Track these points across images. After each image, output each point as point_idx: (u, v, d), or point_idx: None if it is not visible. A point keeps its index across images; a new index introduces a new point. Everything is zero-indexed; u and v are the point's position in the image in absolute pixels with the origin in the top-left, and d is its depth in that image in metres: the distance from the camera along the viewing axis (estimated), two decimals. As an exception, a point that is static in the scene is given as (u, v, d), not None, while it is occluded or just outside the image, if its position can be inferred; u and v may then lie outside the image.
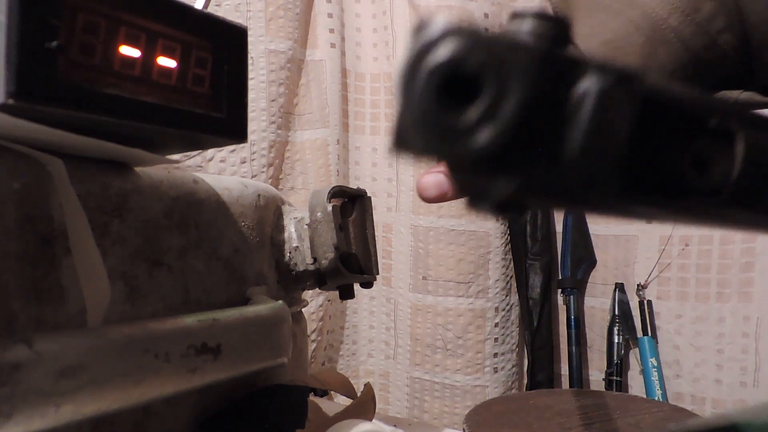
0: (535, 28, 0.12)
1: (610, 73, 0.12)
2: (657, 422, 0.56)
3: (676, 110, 0.13)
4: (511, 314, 1.01)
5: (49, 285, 0.29)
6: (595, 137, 0.11)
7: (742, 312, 0.87)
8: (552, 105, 0.11)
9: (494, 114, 0.11)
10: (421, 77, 0.11)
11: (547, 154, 0.11)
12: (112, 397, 0.27)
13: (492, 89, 0.11)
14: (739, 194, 0.14)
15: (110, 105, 0.27)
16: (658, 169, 0.13)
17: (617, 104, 0.12)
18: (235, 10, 0.84)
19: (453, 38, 0.11)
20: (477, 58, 0.11)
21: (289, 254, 0.46)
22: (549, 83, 0.11)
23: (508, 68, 0.11)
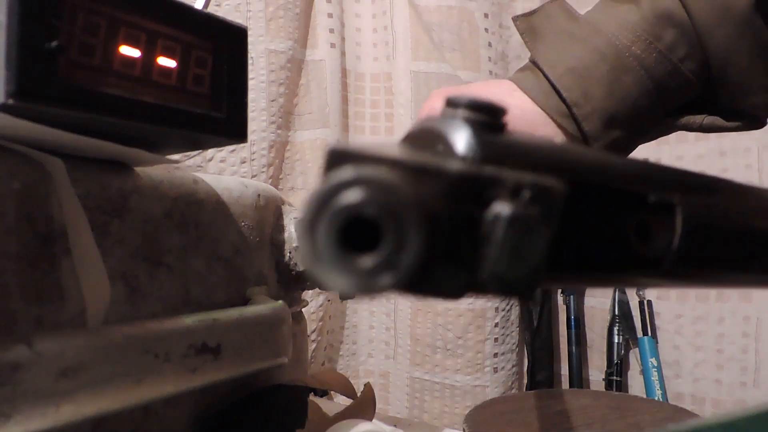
0: (469, 116, 0.12)
1: (526, 190, 0.12)
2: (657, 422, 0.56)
3: (613, 191, 0.13)
4: (511, 314, 1.01)
5: (49, 285, 0.29)
6: (506, 261, 0.12)
7: (742, 312, 0.87)
8: (465, 227, 0.12)
9: (393, 264, 0.11)
10: (324, 219, 0.11)
11: (467, 270, 0.12)
12: (112, 397, 0.27)
13: (390, 240, 0.11)
14: (681, 261, 0.14)
15: (110, 105, 0.27)
16: (602, 240, 0.13)
17: (530, 227, 0.12)
18: (235, 10, 0.84)
19: (355, 185, 0.11)
20: (376, 207, 0.11)
21: (289, 254, 0.46)
22: (459, 211, 0.12)
23: (407, 217, 0.11)
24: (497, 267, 0.12)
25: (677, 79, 0.38)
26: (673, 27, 0.37)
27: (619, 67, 0.38)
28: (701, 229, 0.15)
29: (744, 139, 0.87)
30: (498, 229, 0.12)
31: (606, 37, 0.38)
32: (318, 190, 0.11)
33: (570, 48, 0.39)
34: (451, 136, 0.12)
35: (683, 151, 0.90)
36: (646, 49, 0.38)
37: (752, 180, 0.87)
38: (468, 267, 0.12)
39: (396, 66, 0.97)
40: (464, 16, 0.97)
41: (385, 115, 1.01)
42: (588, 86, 0.38)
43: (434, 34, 0.97)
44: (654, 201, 0.14)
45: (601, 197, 0.13)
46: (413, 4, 0.96)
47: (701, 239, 0.15)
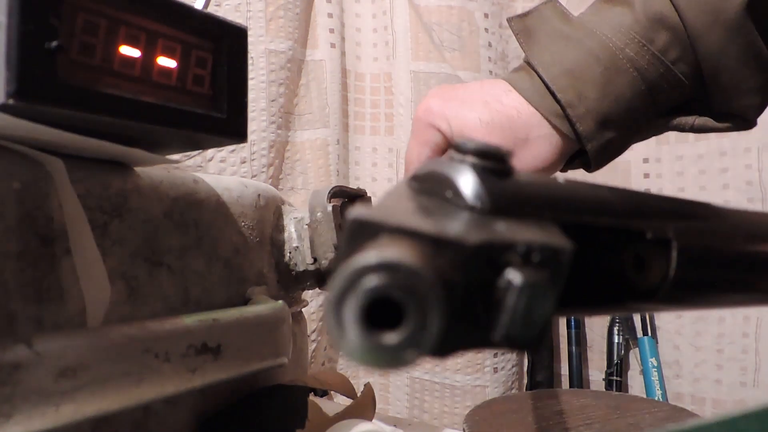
0: (476, 163, 0.13)
1: (536, 253, 0.13)
2: (657, 422, 0.56)
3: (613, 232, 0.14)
4: (511, 314, 1.01)
5: (49, 285, 0.29)
6: (518, 325, 0.13)
7: (742, 312, 0.87)
8: (480, 293, 0.13)
9: (416, 341, 0.12)
10: (350, 300, 0.12)
11: (479, 330, 0.13)
12: (112, 397, 0.27)
13: (413, 320, 0.12)
14: (677, 289, 0.15)
15: (110, 105, 0.27)
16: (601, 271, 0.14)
17: (542, 290, 0.13)
18: (235, 10, 0.84)
19: (379, 270, 0.12)
20: (400, 290, 0.12)
21: (289, 254, 0.46)
22: (475, 280, 0.12)
23: (429, 302, 0.12)
24: (509, 330, 0.13)
25: (670, 81, 0.39)
26: (665, 30, 0.38)
27: (613, 69, 0.38)
28: (695, 257, 0.16)
29: (744, 139, 0.87)
30: (510, 296, 0.12)
31: (600, 39, 0.39)
32: (344, 272, 0.12)
33: (564, 49, 0.39)
34: (460, 183, 0.13)
35: (683, 151, 0.90)
36: (639, 51, 0.38)
37: (752, 180, 0.87)
38: (480, 330, 0.13)
39: (396, 66, 0.97)
40: (464, 16, 0.97)
41: (385, 115, 1.01)
42: (582, 87, 0.39)
43: (434, 34, 0.97)
44: (651, 237, 0.15)
45: (601, 235, 0.14)
46: (413, 4, 0.96)
47: (696, 267, 0.16)
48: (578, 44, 0.39)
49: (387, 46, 0.99)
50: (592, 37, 0.39)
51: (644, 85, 0.39)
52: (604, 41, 0.39)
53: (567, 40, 0.40)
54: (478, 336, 0.13)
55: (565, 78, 0.39)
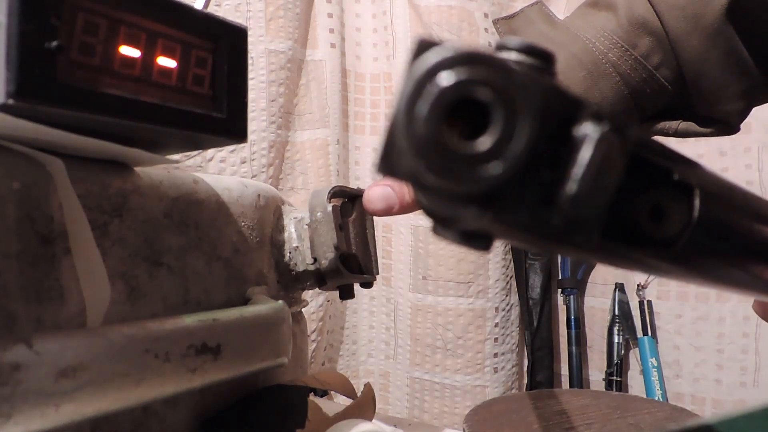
0: (523, 60, 0.12)
1: (607, 119, 0.12)
2: (657, 422, 0.56)
3: (646, 162, 0.13)
4: (511, 314, 1.01)
5: (49, 285, 0.29)
6: (592, 182, 0.11)
7: (742, 312, 0.87)
8: (550, 144, 0.11)
9: (503, 149, 0.10)
10: (427, 99, 0.10)
11: (539, 194, 0.11)
12: (112, 397, 0.27)
13: (502, 123, 0.10)
14: (688, 249, 0.14)
15: (110, 105, 0.27)
16: (614, 217, 0.13)
17: (614, 152, 0.12)
18: (235, 10, 0.84)
19: (465, 63, 0.10)
20: (488, 86, 0.10)
21: (289, 254, 0.46)
22: (551, 122, 0.11)
23: (519, 102, 0.10)
24: (579, 188, 0.11)
25: (652, 86, 0.39)
26: (648, 35, 0.38)
27: (596, 73, 0.39)
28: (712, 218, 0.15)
29: (744, 139, 0.87)
30: (587, 147, 0.11)
31: (583, 43, 0.39)
32: (421, 65, 0.10)
33: None
34: (508, 61, 0.11)
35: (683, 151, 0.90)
36: (622, 56, 0.38)
37: (752, 180, 0.87)
38: (547, 187, 0.11)
39: (396, 66, 0.97)
40: (464, 16, 0.97)
41: (385, 115, 1.01)
42: None
43: (434, 34, 0.97)
44: (677, 180, 0.14)
45: (636, 170, 0.13)
46: (413, 4, 0.96)
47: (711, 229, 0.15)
48: (562, 48, 0.39)
49: (387, 46, 0.99)
50: (575, 41, 0.39)
51: (627, 89, 0.39)
52: (587, 45, 0.39)
53: (551, 44, 0.40)
54: (541, 202, 0.11)
55: None
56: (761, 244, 0.17)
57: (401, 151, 0.10)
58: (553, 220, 0.11)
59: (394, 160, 0.10)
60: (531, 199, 0.11)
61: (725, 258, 0.16)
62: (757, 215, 0.17)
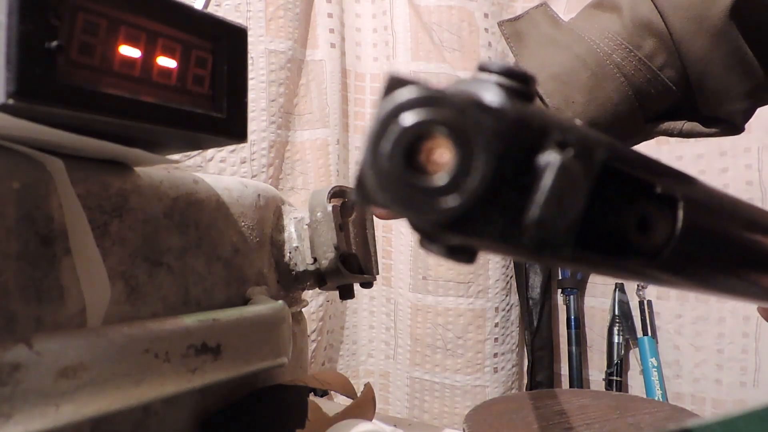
0: (502, 83, 0.12)
1: (572, 145, 0.12)
2: (657, 422, 0.56)
3: (627, 175, 0.14)
4: (511, 314, 1.01)
5: (49, 285, 0.29)
6: (553, 207, 0.12)
7: (742, 312, 0.87)
8: (514, 172, 0.12)
9: (459, 184, 0.11)
10: (390, 138, 0.11)
11: (505, 217, 0.12)
12: (112, 397, 0.27)
13: (458, 160, 0.11)
14: (675, 258, 0.15)
15: (110, 105, 0.27)
16: (602, 228, 0.14)
17: (576, 178, 0.12)
18: (235, 10, 0.84)
19: (423, 105, 0.11)
20: (445, 126, 0.11)
21: (289, 254, 0.46)
22: (513, 152, 0.12)
23: (476, 140, 0.11)
24: (542, 212, 0.12)
25: (656, 87, 0.39)
26: (652, 36, 0.38)
27: (600, 74, 0.39)
28: (700, 222, 0.15)
29: (744, 139, 0.87)
30: (548, 175, 0.12)
31: (587, 44, 0.39)
32: (382, 109, 0.11)
33: (553, 54, 0.40)
34: (485, 99, 0.12)
35: (683, 151, 0.90)
36: (626, 57, 0.38)
37: (752, 180, 0.87)
38: (514, 211, 0.12)
39: (396, 66, 0.97)
40: (464, 16, 0.97)
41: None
42: (569, 92, 0.39)
43: (434, 34, 0.97)
44: (660, 192, 0.14)
45: (616, 183, 0.14)
46: (413, 4, 0.96)
47: (699, 232, 0.15)
48: (566, 49, 0.39)
49: (387, 46, 0.99)
50: (580, 43, 0.39)
51: (631, 90, 0.39)
52: (591, 47, 0.39)
53: (555, 45, 0.40)
54: (508, 221, 0.12)
55: (552, 82, 0.39)
56: (752, 251, 0.18)
57: (369, 184, 0.11)
58: (523, 240, 0.12)
59: (366, 192, 0.11)
60: (499, 220, 0.12)
61: (715, 265, 0.17)
62: (746, 223, 0.17)
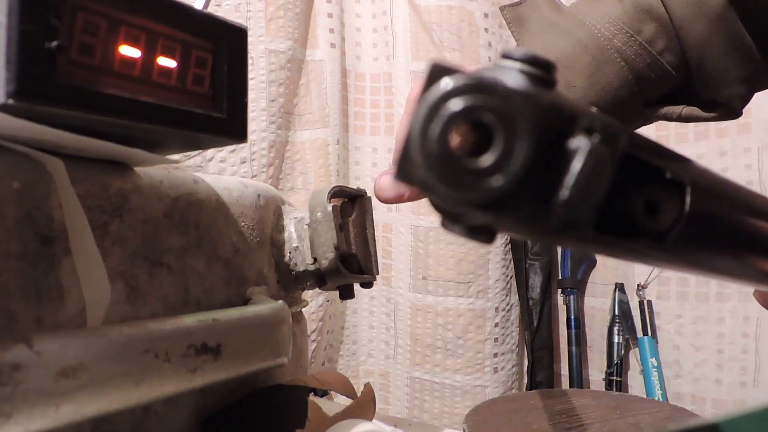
0: (526, 70, 0.13)
1: (598, 131, 0.13)
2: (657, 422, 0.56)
3: (639, 160, 0.15)
4: (511, 314, 1.01)
5: (49, 285, 0.29)
6: (582, 189, 0.13)
7: (742, 312, 0.87)
8: (547, 155, 0.13)
9: (504, 165, 0.12)
10: (438, 122, 0.12)
11: (536, 197, 0.13)
12: (112, 397, 0.27)
13: (503, 142, 0.12)
14: (681, 241, 0.15)
15: (110, 105, 0.27)
16: (612, 211, 0.14)
17: (603, 162, 0.13)
18: (235, 10, 0.84)
19: (472, 90, 0.12)
20: (491, 111, 0.12)
21: (289, 254, 0.46)
22: (548, 137, 0.13)
23: (518, 125, 0.12)
24: (572, 194, 0.13)
25: (656, 71, 0.39)
26: (652, 21, 0.39)
27: (601, 59, 0.39)
28: (704, 212, 0.16)
29: (744, 139, 0.87)
30: (578, 159, 0.13)
31: (588, 29, 0.39)
32: (435, 92, 0.12)
33: (554, 39, 0.40)
34: (509, 85, 0.13)
35: (683, 150, 0.90)
36: (627, 41, 0.39)
37: (752, 180, 0.87)
38: (545, 192, 0.13)
39: (396, 66, 0.97)
40: (464, 16, 0.97)
41: (385, 115, 1.01)
42: (570, 77, 0.39)
43: (434, 34, 0.97)
44: (669, 177, 0.15)
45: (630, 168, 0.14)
46: (413, 4, 0.96)
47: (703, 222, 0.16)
48: (567, 34, 0.40)
49: (387, 46, 0.99)
50: (581, 27, 0.40)
51: (631, 74, 0.39)
52: (592, 31, 0.39)
53: (556, 30, 0.40)
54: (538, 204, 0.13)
55: None
56: (752, 236, 0.18)
57: (415, 164, 0.12)
58: (550, 219, 0.13)
59: (409, 170, 0.12)
60: (530, 201, 0.13)
61: (717, 249, 0.18)
62: (748, 209, 0.18)
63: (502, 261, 0.99)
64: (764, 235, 0.18)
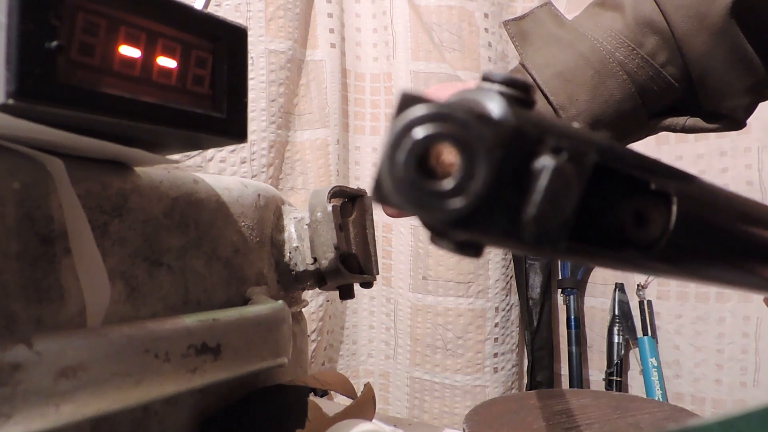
0: (504, 92, 0.14)
1: (566, 149, 0.14)
2: (657, 422, 0.56)
3: (621, 173, 0.15)
4: (511, 314, 1.01)
5: (49, 285, 0.29)
6: (548, 207, 0.14)
7: (742, 312, 0.87)
8: (513, 175, 0.14)
9: (464, 188, 0.13)
10: (404, 149, 0.13)
11: (506, 215, 0.14)
12: (112, 397, 0.27)
13: (463, 167, 0.13)
14: (670, 250, 0.16)
15: (110, 105, 0.27)
16: (601, 222, 0.15)
17: (569, 179, 0.14)
18: (235, 10, 0.84)
19: (431, 120, 0.13)
20: (452, 138, 0.13)
21: (289, 254, 0.46)
22: (511, 158, 0.14)
23: (477, 149, 0.13)
24: (538, 210, 0.13)
25: (659, 84, 0.40)
26: (654, 34, 0.39)
27: (603, 72, 0.39)
28: (694, 215, 0.16)
29: (744, 139, 0.87)
30: (543, 177, 0.14)
31: (591, 42, 0.40)
32: (400, 121, 0.13)
33: (557, 52, 0.40)
34: (489, 107, 0.13)
35: (683, 151, 0.90)
36: (629, 54, 0.39)
37: (752, 180, 0.87)
38: (514, 210, 0.14)
39: (396, 66, 0.97)
40: (464, 16, 0.97)
41: (385, 115, 1.01)
42: (573, 90, 0.39)
43: (434, 34, 0.97)
44: (654, 189, 0.16)
45: (611, 180, 0.15)
46: (413, 4, 0.96)
47: (693, 225, 0.16)
48: (570, 48, 0.40)
49: (387, 46, 0.99)
50: (583, 41, 0.40)
51: (634, 87, 0.39)
52: (595, 45, 0.39)
53: (560, 44, 0.40)
54: (509, 220, 0.14)
55: (556, 80, 0.39)
56: (746, 243, 0.19)
57: (386, 188, 0.13)
58: (523, 235, 0.14)
59: (383, 194, 0.14)
60: (500, 219, 0.14)
61: (708, 256, 0.18)
62: (741, 216, 0.18)
63: (502, 261, 0.99)
64: (759, 242, 0.19)
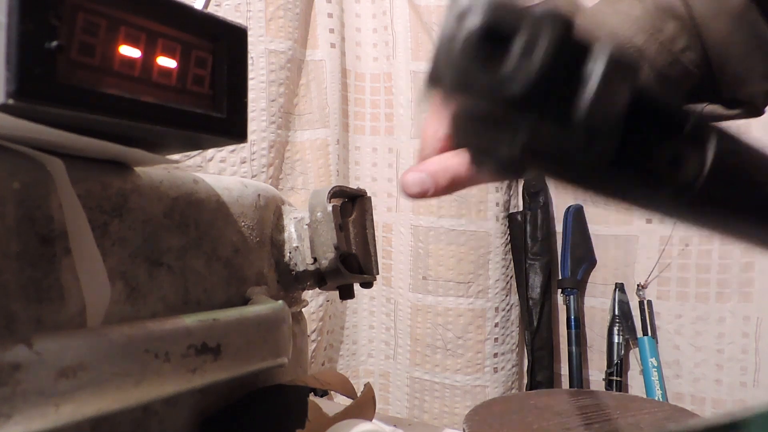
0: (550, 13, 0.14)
1: (612, 59, 0.14)
2: (657, 422, 0.56)
3: (659, 111, 0.16)
4: (511, 314, 1.01)
5: (49, 285, 0.29)
6: (597, 105, 0.14)
7: (742, 312, 0.87)
8: (566, 76, 0.14)
9: (523, 66, 0.13)
10: (464, 32, 0.14)
11: (558, 114, 0.14)
12: (112, 397, 0.27)
13: (525, 36, 0.13)
14: (706, 192, 0.16)
15: (110, 105, 0.27)
16: (640, 161, 0.15)
17: (616, 83, 0.14)
18: (235, 10, 0.84)
19: (497, 5, 0.14)
20: (510, 20, 0.13)
21: (289, 254, 0.46)
22: (566, 56, 0.14)
23: (539, 23, 0.13)
24: (593, 103, 0.14)
25: (678, 70, 0.40)
26: (673, 19, 0.39)
27: None
28: (727, 170, 0.17)
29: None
30: (593, 78, 0.14)
31: (609, 29, 0.40)
32: (459, 8, 0.14)
33: None
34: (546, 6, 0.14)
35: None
36: (648, 40, 0.39)
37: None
38: (566, 102, 0.14)
39: (396, 66, 0.97)
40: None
41: (385, 115, 1.01)
42: None
43: (434, 34, 0.97)
44: (689, 131, 0.16)
45: (650, 117, 0.15)
46: (413, 4, 0.96)
47: (725, 180, 0.17)
48: None
49: (387, 46, 0.99)
50: (601, 28, 0.40)
51: (653, 73, 0.40)
52: (612, 31, 0.40)
53: None
54: (563, 112, 0.14)
55: None
56: None
57: (444, 67, 0.14)
58: (569, 139, 0.14)
59: (440, 73, 0.14)
60: (553, 116, 0.14)
61: (734, 206, 0.18)
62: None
63: (502, 261, 0.99)
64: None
